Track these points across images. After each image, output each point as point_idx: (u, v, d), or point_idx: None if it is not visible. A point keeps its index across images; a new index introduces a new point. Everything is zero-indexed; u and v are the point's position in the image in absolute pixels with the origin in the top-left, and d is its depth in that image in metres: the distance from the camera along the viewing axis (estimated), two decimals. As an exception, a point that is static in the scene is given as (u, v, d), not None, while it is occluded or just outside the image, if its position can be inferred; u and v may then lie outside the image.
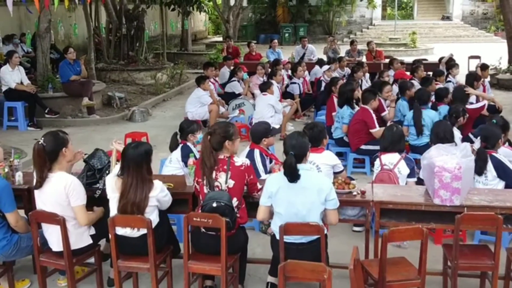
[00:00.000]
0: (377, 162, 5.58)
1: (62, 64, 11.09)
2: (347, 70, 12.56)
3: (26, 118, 10.44)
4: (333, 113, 8.36)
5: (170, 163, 6.04)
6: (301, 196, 4.02)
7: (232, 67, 12.65)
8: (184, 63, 16.50)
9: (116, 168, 4.34)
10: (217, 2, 25.97)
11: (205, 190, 4.27)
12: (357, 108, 8.06)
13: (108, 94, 12.26)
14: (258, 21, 31.19)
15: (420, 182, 5.59)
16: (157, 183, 4.22)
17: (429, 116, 7.48)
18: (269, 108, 9.33)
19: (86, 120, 10.89)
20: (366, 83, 11.28)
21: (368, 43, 14.62)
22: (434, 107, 7.98)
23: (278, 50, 14.90)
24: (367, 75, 11.72)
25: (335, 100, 8.47)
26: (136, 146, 4.26)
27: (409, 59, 16.89)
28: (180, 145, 6.10)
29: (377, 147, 7.45)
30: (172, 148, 6.24)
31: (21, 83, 10.47)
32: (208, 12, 25.09)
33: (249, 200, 4.49)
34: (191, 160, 4.88)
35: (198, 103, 9.94)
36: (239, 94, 11.00)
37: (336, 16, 30.13)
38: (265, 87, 9.51)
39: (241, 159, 4.44)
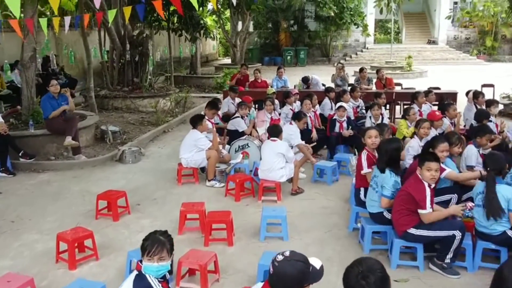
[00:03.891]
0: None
1: (44, 98, 7.89)
2: (361, 102, 9.36)
3: (-3, 162, 7.27)
4: (362, 172, 5.10)
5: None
6: None
7: (235, 98, 9.47)
8: (188, 89, 13.27)
9: None
10: (225, 28, 22.88)
11: None
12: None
13: (101, 128, 9.06)
14: (262, 44, 28.22)
15: None
16: None
17: (503, 193, 4.18)
18: (278, 158, 6.12)
19: (69, 163, 7.67)
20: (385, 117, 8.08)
21: (378, 71, 11.30)
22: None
23: (285, 78, 11.55)
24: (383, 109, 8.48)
25: (364, 155, 5.19)
26: None
27: (405, 82, 13.79)
28: (134, 273, 2.90)
29: (434, 233, 4.28)
30: None
31: (-7, 121, 7.34)
32: (214, 38, 21.93)
33: None
34: None
35: (194, 148, 6.73)
36: (243, 133, 7.77)
37: (333, 40, 27.45)
38: (274, 133, 6.28)
39: None
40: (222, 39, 29.81)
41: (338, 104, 8.10)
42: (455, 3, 27.59)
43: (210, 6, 21.47)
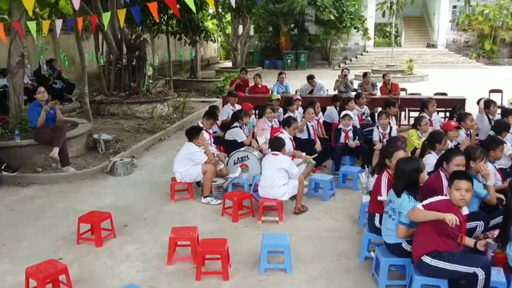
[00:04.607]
0: None
1: (30, 106, 7.19)
2: (366, 108, 8.63)
3: (-21, 176, 6.55)
4: (380, 198, 4.32)
5: None
6: None
7: (235, 104, 8.73)
8: (187, 94, 12.53)
9: None
10: (226, 31, 22.15)
11: None
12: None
13: (93, 136, 8.33)
14: (263, 48, 27.42)
15: None
16: None
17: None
18: (281, 174, 5.38)
19: (56, 175, 6.93)
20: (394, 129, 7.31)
21: (384, 75, 10.51)
22: None
23: (286, 83, 10.76)
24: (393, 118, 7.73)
25: (384, 177, 4.38)
26: None
27: (407, 86, 12.99)
28: None
29: (451, 267, 3.50)
30: None
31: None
32: (214, 41, 21.20)
33: None
34: None
35: (190, 162, 6.00)
36: (242, 143, 7.02)
37: (333, 44, 26.56)
38: (276, 146, 5.53)
39: None
40: (223, 42, 29.08)
41: (343, 113, 7.34)
42: (454, 7, 26.82)
43: (211, 10, 20.79)
